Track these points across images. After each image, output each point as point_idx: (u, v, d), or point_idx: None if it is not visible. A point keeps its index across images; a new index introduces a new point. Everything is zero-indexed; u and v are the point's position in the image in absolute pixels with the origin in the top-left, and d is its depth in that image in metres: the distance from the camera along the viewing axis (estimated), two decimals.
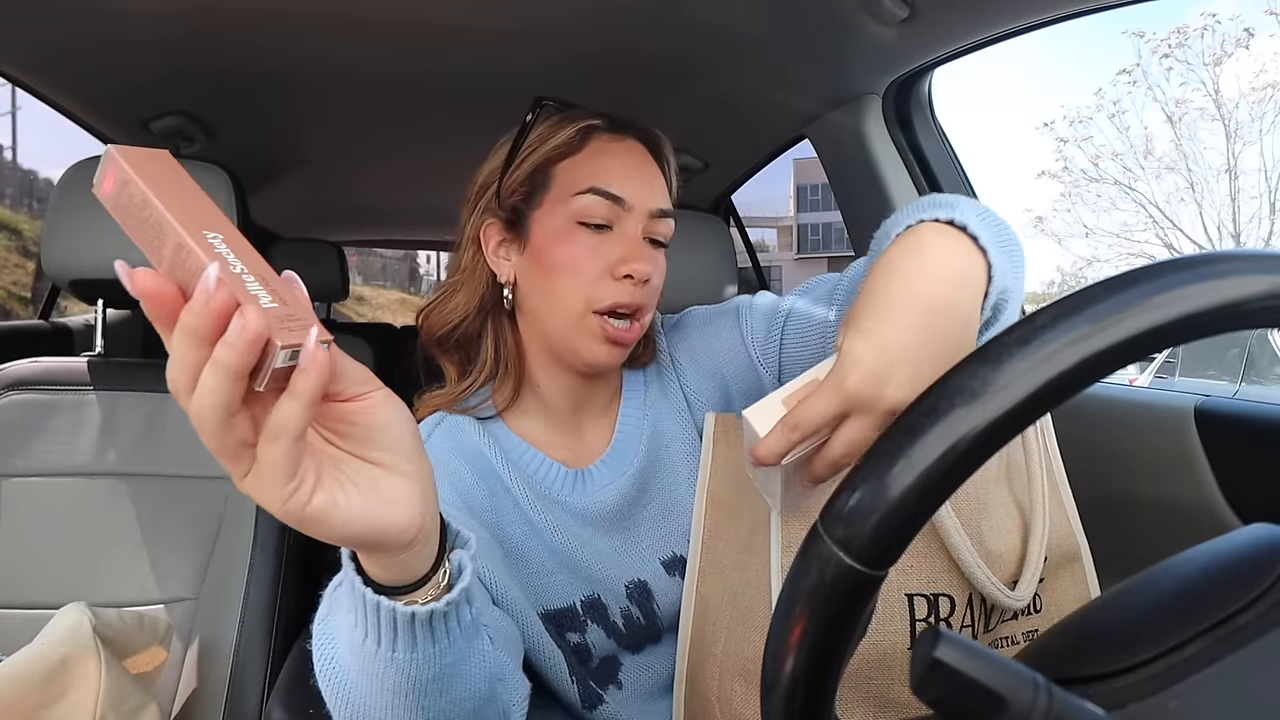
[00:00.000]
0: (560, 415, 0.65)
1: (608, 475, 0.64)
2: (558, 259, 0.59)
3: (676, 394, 0.69)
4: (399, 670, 0.37)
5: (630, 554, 0.63)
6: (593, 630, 0.61)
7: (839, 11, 0.94)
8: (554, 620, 0.60)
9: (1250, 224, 9.88)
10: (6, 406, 0.86)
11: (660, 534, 0.64)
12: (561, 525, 0.62)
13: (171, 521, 0.86)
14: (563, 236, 0.59)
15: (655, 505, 0.65)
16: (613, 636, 0.61)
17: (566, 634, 0.60)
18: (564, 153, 0.60)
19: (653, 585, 0.63)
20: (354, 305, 12.19)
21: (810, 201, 23.37)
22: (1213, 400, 0.81)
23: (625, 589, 0.62)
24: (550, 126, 0.61)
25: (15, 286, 6.72)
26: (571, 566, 0.61)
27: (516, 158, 0.62)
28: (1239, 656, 0.27)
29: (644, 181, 0.61)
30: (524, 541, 0.60)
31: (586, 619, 0.61)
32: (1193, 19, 16.19)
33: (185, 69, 1.22)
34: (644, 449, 0.66)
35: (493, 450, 0.62)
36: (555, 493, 0.63)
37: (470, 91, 1.34)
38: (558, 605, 0.60)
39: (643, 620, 0.62)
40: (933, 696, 0.24)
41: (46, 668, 0.63)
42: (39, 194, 8.59)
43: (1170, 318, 0.23)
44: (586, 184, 0.59)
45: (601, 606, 0.61)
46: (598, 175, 0.59)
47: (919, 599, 0.51)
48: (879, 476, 0.25)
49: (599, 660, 0.62)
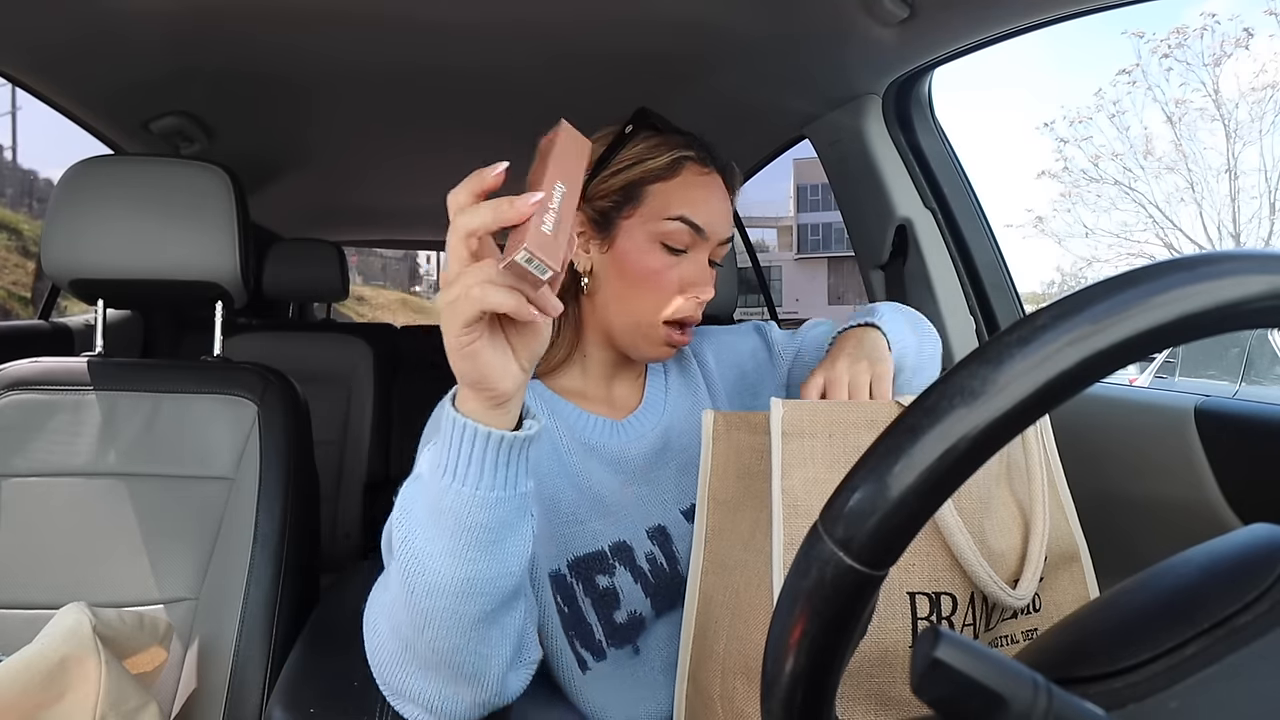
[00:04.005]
0: (597, 381, 0.74)
1: (640, 428, 0.73)
2: (640, 270, 0.68)
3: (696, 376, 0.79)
4: (462, 505, 0.45)
5: (653, 502, 0.70)
6: (621, 574, 0.66)
7: (839, 12, 0.94)
8: (584, 565, 0.65)
9: (1250, 224, 9.88)
10: (6, 406, 0.86)
11: (680, 487, 0.71)
12: (593, 472, 0.68)
13: (171, 521, 0.86)
14: (646, 251, 0.68)
15: (676, 463, 0.72)
16: (639, 582, 0.66)
17: (596, 577, 0.65)
18: (658, 176, 0.68)
19: (672, 530, 0.69)
20: (354, 305, 12.18)
21: (810, 201, 23.37)
22: (1213, 400, 0.81)
23: (647, 533, 0.68)
24: (647, 146, 0.69)
25: (15, 286, 6.72)
26: (601, 511, 0.67)
27: (610, 165, 0.69)
28: (1239, 656, 0.27)
29: (722, 215, 0.70)
30: (558, 489, 0.67)
31: (615, 563, 0.66)
32: (1192, 19, 16.22)
33: (185, 69, 1.22)
34: (667, 412, 0.75)
35: (535, 400, 0.69)
36: (594, 439, 0.70)
37: (471, 91, 1.34)
38: (588, 550, 0.66)
39: (666, 566, 0.67)
40: (933, 696, 0.24)
41: (46, 668, 0.63)
42: (39, 194, 8.59)
43: (1170, 318, 0.23)
44: (677, 212, 0.67)
45: (628, 550, 0.67)
46: (687, 206, 0.68)
47: (921, 597, 0.51)
48: (879, 476, 0.25)
49: (626, 614, 0.65)
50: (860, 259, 1.29)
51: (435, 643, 0.47)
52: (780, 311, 2.51)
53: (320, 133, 1.62)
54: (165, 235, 0.90)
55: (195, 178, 0.92)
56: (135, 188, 0.90)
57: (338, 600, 0.80)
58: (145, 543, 0.85)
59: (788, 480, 0.52)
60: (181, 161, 0.94)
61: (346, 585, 0.84)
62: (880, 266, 1.23)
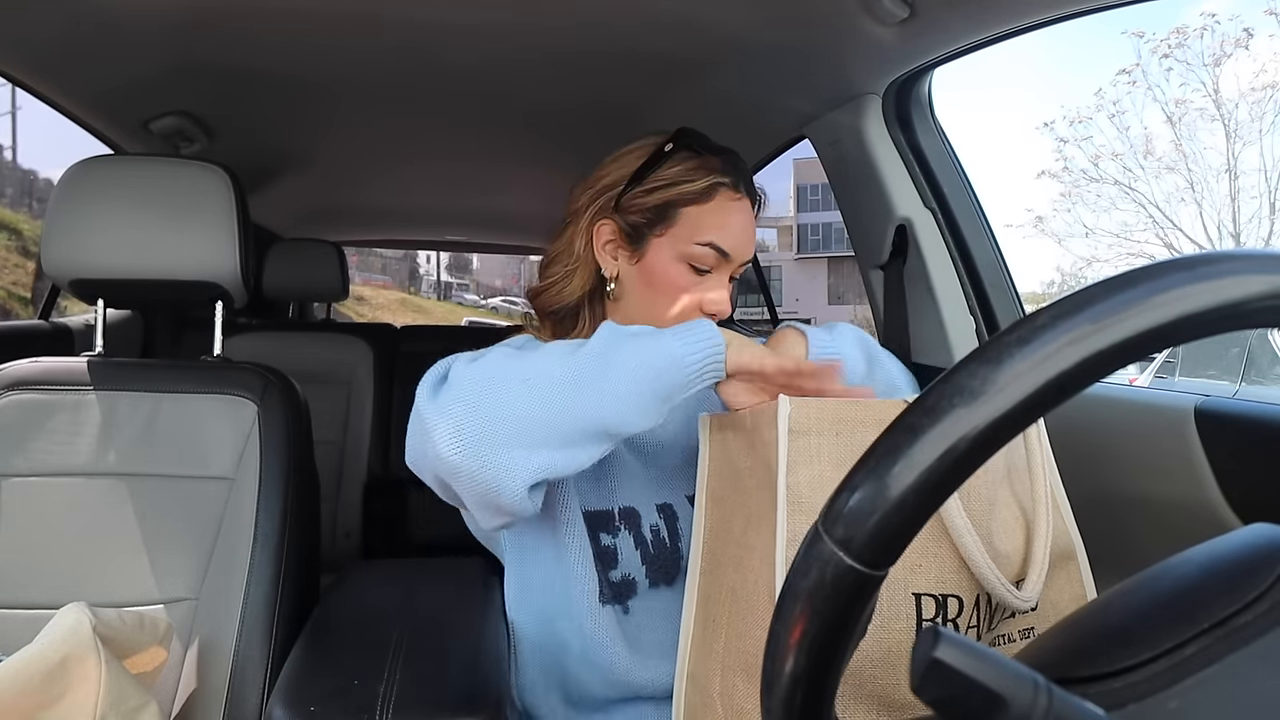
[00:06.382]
0: None
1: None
2: (664, 285, 0.72)
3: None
4: (666, 356, 0.58)
5: (664, 482, 0.74)
6: (624, 537, 0.70)
7: (839, 11, 0.94)
8: (592, 519, 0.70)
9: (1250, 224, 9.87)
10: (6, 406, 0.86)
11: (687, 475, 0.73)
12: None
13: (171, 521, 0.86)
14: (672, 268, 0.72)
15: (684, 454, 0.75)
16: (639, 548, 0.70)
17: (600, 534, 0.69)
18: (692, 200, 0.71)
19: (678, 510, 0.73)
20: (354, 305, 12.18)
21: (810, 201, 23.35)
22: (1213, 400, 0.81)
23: (657, 508, 0.72)
24: (685, 168, 0.72)
25: (15, 286, 6.72)
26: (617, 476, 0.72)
27: (645, 181, 0.72)
28: (1239, 656, 0.27)
29: (747, 240, 0.74)
30: None
31: (621, 525, 0.70)
32: (1192, 19, 16.21)
33: (185, 69, 1.22)
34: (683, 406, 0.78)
35: None
36: None
37: (470, 91, 1.34)
38: (599, 507, 0.71)
39: (667, 541, 0.71)
40: (932, 697, 0.24)
41: (46, 668, 0.63)
42: (39, 194, 8.59)
43: (1170, 318, 0.23)
44: (707, 238, 0.71)
45: (636, 516, 0.71)
46: (717, 232, 0.71)
47: (926, 599, 0.51)
48: (879, 476, 0.25)
49: (620, 576, 0.69)
50: (860, 259, 1.29)
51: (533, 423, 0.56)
52: (780, 311, 2.51)
53: (320, 133, 1.61)
54: (165, 235, 0.90)
55: (195, 178, 0.92)
56: (135, 188, 0.90)
57: (338, 600, 0.80)
58: (145, 543, 0.85)
59: (792, 477, 0.52)
60: (181, 161, 0.94)
61: (346, 585, 0.84)
62: (880, 266, 1.23)
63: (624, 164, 0.74)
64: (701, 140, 0.74)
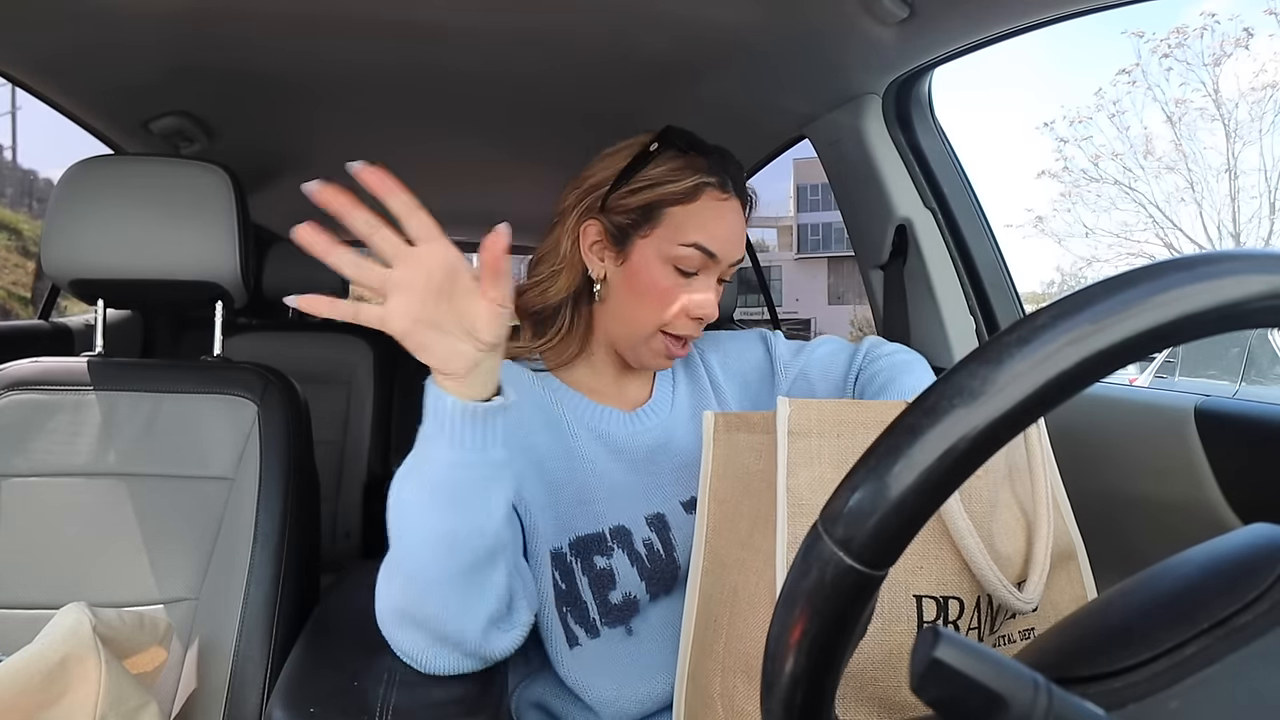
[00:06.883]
0: (607, 378, 0.77)
1: (647, 421, 0.76)
2: (650, 287, 0.70)
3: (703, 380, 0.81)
4: (434, 463, 0.51)
5: (654, 491, 0.72)
6: (619, 556, 0.68)
7: (839, 12, 0.94)
8: (584, 545, 0.68)
9: (1250, 224, 9.88)
10: (6, 406, 0.86)
11: (681, 480, 0.73)
12: (598, 457, 0.71)
13: (171, 521, 0.86)
14: (658, 270, 0.70)
15: (678, 458, 0.74)
16: (636, 565, 0.68)
17: (594, 558, 0.67)
18: (677, 200, 0.69)
19: (670, 519, 0.71)
20: None
21: (810, 201, 23.34)
22: (1213, 400, 0.81)
23: (646, 520, 0.70)
24: (670, 168, 0.69)
25: (15, 286, 6.72)
26: (604, 494, 0.70)
27: (631, 181, 0.70)
28: (1239, 656, 0.27)
29: (735, 240, 0.71)
30: (565, 473, 0.70)
31: (614, 545, 0.69)
32: (1192, 19, 16.21)
33: (185, 69, 1.22)
34: (674, 410, 0.78)
35: (546, 391, 0.73)
36: (601, 427, 0.73)
37: (470, 91, 1.34)
38: (588, 531, 0.68)
39: (662, 552, 0.69)
40: (932, 697, 0.24)
41: (46, 668, 0.63)
42: (39, 194, 8.59)
43: (1170, 317, 0.23)
44: (692, 239, 0.69)
45: (627, 534, 0.69)
46: (702, 232, 0.69)
47: (928, 600, 0.51)
48: (879, 476, 0.25)
49: (621, 596, 0.67)
50: (860, 259, 1.29)
51: (417, 599, 0.53)
52: (780, 311, 2.51)
53: (320, 133, 1.62)
54: (165, 235, 0.90)
55: (195, 177, 0.92)
56: (135, 188, 0.90)
57: (338, 600, 0.80)
58: (145, 543, 0.85)
59: (793, 479, 0.52)
60: (181, 161, 0.94)
61: (346, 585, 0.84)
62: (880, 266, 1.23)
63: (610, 164, 0.72)
64: (688, 139, 0.71)
